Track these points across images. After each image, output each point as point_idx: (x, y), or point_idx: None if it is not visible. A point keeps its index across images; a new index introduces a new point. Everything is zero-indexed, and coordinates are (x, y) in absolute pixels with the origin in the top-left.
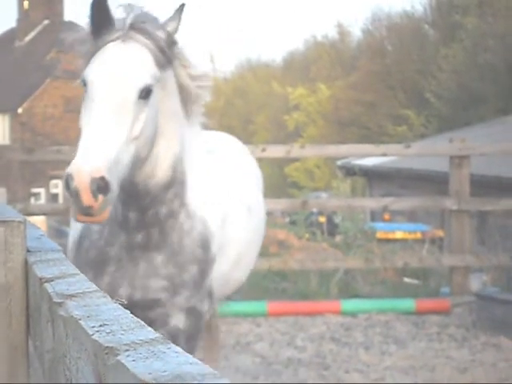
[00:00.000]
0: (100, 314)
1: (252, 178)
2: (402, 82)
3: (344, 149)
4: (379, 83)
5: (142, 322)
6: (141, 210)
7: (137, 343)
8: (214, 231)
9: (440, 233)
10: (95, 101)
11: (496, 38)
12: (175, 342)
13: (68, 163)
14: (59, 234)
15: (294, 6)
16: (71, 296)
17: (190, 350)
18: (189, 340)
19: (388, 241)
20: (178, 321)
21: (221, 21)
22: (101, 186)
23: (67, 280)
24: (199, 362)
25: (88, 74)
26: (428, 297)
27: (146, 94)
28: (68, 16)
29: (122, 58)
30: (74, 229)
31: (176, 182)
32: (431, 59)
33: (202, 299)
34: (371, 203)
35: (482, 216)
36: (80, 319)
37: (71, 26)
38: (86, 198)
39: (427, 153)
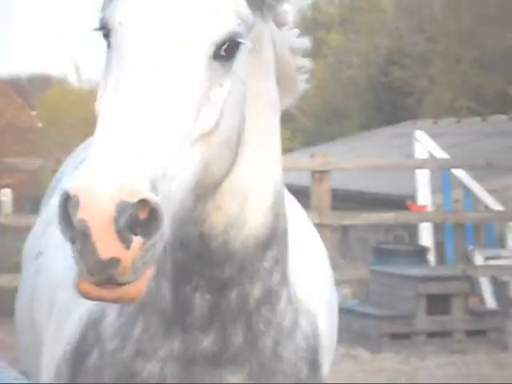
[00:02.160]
0: None
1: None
2: None
3: None
4: None
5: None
6: (217, 288)
7: None
8: (324, 333)
9: None
10: (126, 58)
11: (359, 55)
12: None
13: None
14: None
15: None
16: None
17: None
18: None
19: None
20: None
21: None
22: (138, 218)
23: None
24: None
25: (114, 10)
26: None
27: (229, 51)
28: None
29: None
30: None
31: (278, 238)
32: None
33: None
34: None
35: (344, 230)
36: None
37: None
38: (106, 244)
39: (289, 167)
